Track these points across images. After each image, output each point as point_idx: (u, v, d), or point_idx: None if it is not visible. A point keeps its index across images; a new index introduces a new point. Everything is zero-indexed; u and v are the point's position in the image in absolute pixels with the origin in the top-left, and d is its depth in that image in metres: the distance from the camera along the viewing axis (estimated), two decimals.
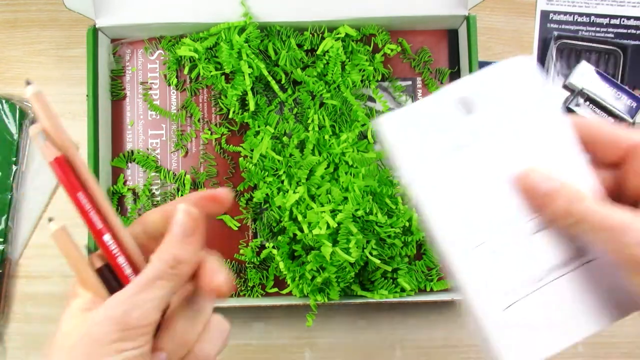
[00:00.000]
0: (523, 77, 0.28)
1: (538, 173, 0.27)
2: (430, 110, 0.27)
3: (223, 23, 0.53)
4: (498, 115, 0.28)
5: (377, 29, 0.55)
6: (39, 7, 0.62)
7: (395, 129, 0.27)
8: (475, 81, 0.28)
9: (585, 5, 0.62)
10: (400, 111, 0.27)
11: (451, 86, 0.27)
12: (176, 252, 0.27)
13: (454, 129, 0.27)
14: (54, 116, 0.27)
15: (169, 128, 0.56)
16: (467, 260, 0.28)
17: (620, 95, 0.58)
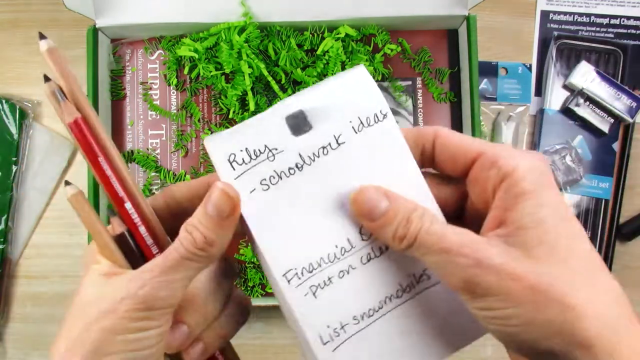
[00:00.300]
0: (357, 90, 0.26)
1: (372, 191, 0.25)
2: (258, 130, 0.25)
3: (223, 23, 0.53)
4: (329, 134, 0.26)
5: (377, 29, 0.55)
6: (39, 7, 0.62)
7: (220, 149, 0.25)
8: (307, 97, 0.26)
9: (585, 5, 0.62)
10: (227, 131, 0.25)
11: (279, 104, 0.26)
12: (209, 234, 0.25)
13: (283, 149, 0.25)
14: (71, 75, 0.26)
15: (169, 128, 0.56)
16: (295, 293, 0.26)
17: (620, 95, 0.58)
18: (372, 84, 0.26)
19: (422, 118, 0.56)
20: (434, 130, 0.27)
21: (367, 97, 0.26)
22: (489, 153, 0.25)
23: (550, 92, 0.60)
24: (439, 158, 0.27)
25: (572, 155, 0.58)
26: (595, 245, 0.58)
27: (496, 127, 0.60)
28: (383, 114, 0.26)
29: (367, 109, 0.26)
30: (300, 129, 0.25)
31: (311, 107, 0.26)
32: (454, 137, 0.26)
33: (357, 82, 0.26)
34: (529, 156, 0.25)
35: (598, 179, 0.59)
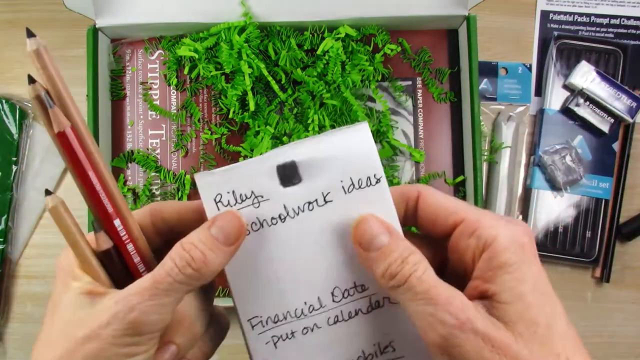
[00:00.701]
0: (356, 150, 0.25)
1: (376, 222, 0.25)
2: (248, 175, 0.25)
3: (223, 23, 0.53)
4: (317, 190, 0.25)
5: (377, 29, 0.55)
6: (39, 7, 0.62)
7: (209, 188, 0.25)
8: (302, 148, 0.25)
9: (585, 5, 0.62)
10: (219, 170, 0.25)
11: (274, 151, 0.25)
12: (210, 255, 0.24)
13: (269, 198, 0.25)
14: (60, 78, 0.23)
15: (169, 128, 0.56)
16: (257, 340, 0.26)
17: (620, 95, 0.58)
18: (371, 145, 0.25)
19: (422, 118, 0.56)
20: (417, 189, 0.27)
21: (364, 159, 0.25)
22: (470, 220, 0.25)
23: (550, 92, 0.60)
24: (421, 218, 0.26)
25: (572, 155, 0.58)
26: (596, 245, 0.58)
27: (496, 127, 0.60)
28: (377, 178, 0.25)
29: (362, 171, 0.25)
30: (289, 180, 0.25)
31: (305, 159, 0.25)
32: (435, 199, 0.26)
33: (357, 141, 0.25)
34: (510, 226, 0.24)
35: (598, 179, 0.59)
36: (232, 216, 0.25)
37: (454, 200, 0.26)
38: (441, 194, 0.26)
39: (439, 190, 0.27)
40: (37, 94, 0.23)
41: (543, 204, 0.59)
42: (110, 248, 0.25)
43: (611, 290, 0.59)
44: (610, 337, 0.59)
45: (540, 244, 0.58)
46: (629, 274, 0.59)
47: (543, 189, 0.59)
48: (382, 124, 0.54)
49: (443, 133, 0.55)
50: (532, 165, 0.59)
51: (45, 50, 0.22)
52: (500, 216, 0.25)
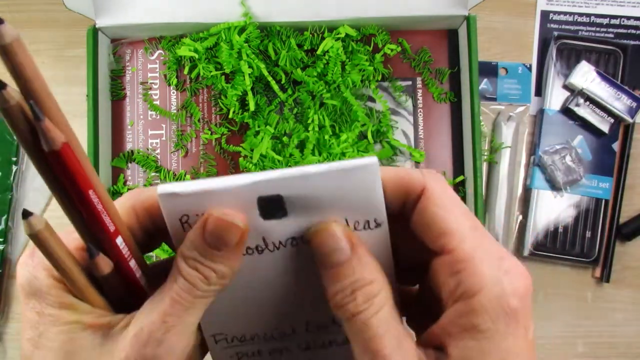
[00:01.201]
0: (358, 187, 0.21)
1: (339, 232, 0.21)
2: (222, 198, 0.21)
3: (223, 23, 0.53)
4: (303, 226, 0.22)
5: (377, 29, 0.55)
6: (39, 7, 0.62)
7: (173, 206, 0.21)
8: (293, 181, 0.21)
9: (585, 5, 0.62)
10: (187, 186, 0.21)
11: (258, 178, 0.21)
12: (224, 269, 0.21)
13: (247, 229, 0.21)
14: (40, 81, 0.18)
15: (169, 128, 0.56)
16: (220, 354, 0.24)
17: (620, 95, 0.58)
18: (378, 185, 0.21)
19: (422, 118, 0.56)
20: (423, 182, 0.22)
21: (366, 200, 0.21)
22: (459, 255, 0.20)
23: (550, 92, 0.60)
24: (414, 222, 0.22)
25: (572, 155, 0.58)
26: (595, 245, 0.58)
27: (496, 127, 0.60)
28: (377, 222, 0.22)
29: (361, 213, 0.22)
30: (271, 214, 0.21)
31: (293, 194, 0.21)
32: (436, 207, 0.21)
33: (362, 179, 0.21)
34: (505, 281, 0.20)
35: (598, 179, 0.59)
36: (222, 222, 0.21)
37: (457, 215, 0.21)
38: (449, 197, 0.22)
39: (451, 192, 0.22)
40: (14, 103, 0.17)
41: (543, 204, 0.59)
42: (112, 270, 0.22)
43: (611, 290, 0.59)
44: (610, 337, 0.59)
45: (540, 244, 0.58)
46: (629, 274, 0.59)
47: (543, 189, 0.59)
48: (382, 124, 0.54)
49: (443, 133, 0.55)
50: (532, 165, 0.59)
51: (20, 44, 0.17)
52: (500, 257, 0.21)
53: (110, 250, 0.21)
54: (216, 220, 0.21)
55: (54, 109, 0.19)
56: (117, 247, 0.21)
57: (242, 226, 0.21)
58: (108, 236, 0.21)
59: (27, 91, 0.18)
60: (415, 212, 0.22)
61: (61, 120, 0.19)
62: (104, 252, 0.21)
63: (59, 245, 0.21)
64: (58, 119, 0.19)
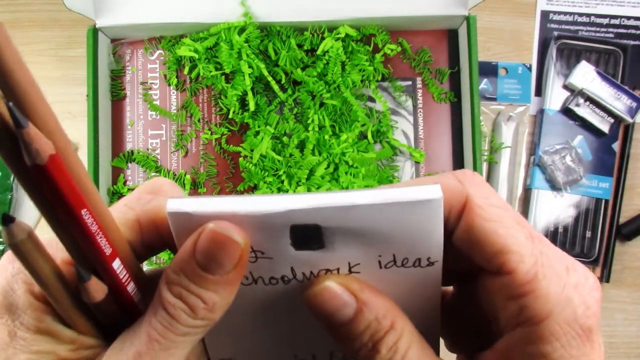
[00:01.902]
0: (415, 223, 0.18)
1: (338, 288, 0.19)
2: (250, 220, 0.18)
3: (223, 23, 0.53)
4: (342, 259, 0.19)
5: (377, 29, 0.55)
6: (39, 7, 0.62)
7: (186, 228, 0.18)
8: (334, 209, 0.17)
9: (585, 5, 0.62)
10: (204, 210, 0.18)
11: (290, 203, 0.17)
12: (215, 298, 0.18)
13: (272, 257, 0.19)
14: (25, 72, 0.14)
15: (169, 128, 0.56)
16: None
17: (620, 95, 0.58)
18: (439, 223, 0.18)
19: (422, 118, 0.56)
20: (465, 194, 0.19)
21: (423, 237, 0.18)
22: (521, 276, 0.17)
23: (550, 92, 0.60)
24: (459, 239, 0.19)
25: (572, 155, 0.58)
26: (595, 245, 0.58)
27: (496, 127, 0.60)
28: (431, 261, 0.19)
29: (413, 250, 0.18)
30: (306, 245, 0.18)
31: (334, 226, 0.18)
32: (485, 222, 0.18)
33: (422, 214, 0.17)
34: (576, 297, 0.17)
35: (598, 179, 0.59)
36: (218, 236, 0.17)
37: (511, 227, 0.18)
38: (497, 204, 0.19)
39: (496, 197, 0.19)
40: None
41: (543, 204, 0.59)
42: (106, 296, 0.18)
43: (611, 290, 0.59)
44: (610, 337, 0.59)
45: None
46: (629, 274, 0.59)
47: (543, 189, 0.59)
48: (382, 124, 0.54)
49: (443, 133, 0.55)
50: (532, 165, 0.59)
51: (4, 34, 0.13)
52: (566, 269, 0.18)
53: (105, 274, 0.18)
54: (211, 234, 0.17)
55: (41, 108, 0.14)
56: (114, 272, 0.18)
57: (242, 243, 0.17)
58: (103, 260, 0.18)
59: (7, 86, 0.14)
60: (460, 228, 0.19)
61: (50, 123, 0.15)
62: (98, 275, 0.18)
63: (44, 259, 0.18)
64: (46, 121, 0.14)
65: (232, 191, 0.54)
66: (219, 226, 0.17)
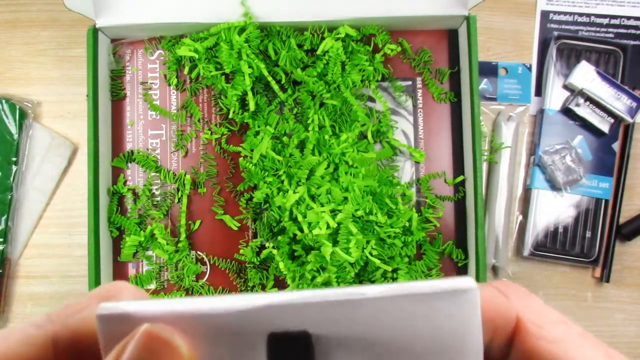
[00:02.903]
0: (441, 326, 0.13)
1: None
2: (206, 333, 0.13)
3: (223, 23, 0.53)
4: None
5: (377, 29, 0.55)
6: (39, 7, 0.62)
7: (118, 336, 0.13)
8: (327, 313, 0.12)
9: (585, 5, 0.62)
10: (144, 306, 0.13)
11: (268, 300, 0.13)
12: None
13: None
14: None
15: (169, 128, 0.56)
16: None
17: (620, 95, 0.58)
18: (476, 326, 0.13)
19: (422, 118, 0.56)
20: (514, 312, 0.15)
21: (452, 354, 0.13)
22: None
23: (550, 92, 0.60)
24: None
25: (572, 155, 0.58)
26: (595, 245, 0.58)
27: (496, 127, 0.60)
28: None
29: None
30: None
31: (330, 334, 0.12)
32: (553, 347, 0.15)
33: (451, 312, 0.13)
34: None
35: (598, 179, 0.59)
36: (151, 340, 0.13)
37: (586, 347, 0.15)
38: (554, 319, 0.15)
39: (551, 311, 0.16)
40: None
41: (543, 204, 0.59)
42: None
43: (611, 290, 0.59)
44: (610, 337, 0.59)
45: (540, 244, 0.58)
46: (629, 274, 0.59)
47: (543, 189, 0.59)
48: (382, 124, 0.54)
49: (443, 133, 0.55)
50: (532, 165, 0.59)
51: None
52: None
53: None
54: (142, 337, 0.12)
55: None
56: None
57: (185, 355, 0.13)
58: None
59: None
60: (516, 354, 0.15)
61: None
62: None
63: None
64: None
65: (232, 191, 0.54)
66: (154, 327, 0.13)
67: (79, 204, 0.59)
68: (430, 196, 0.54)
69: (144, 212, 0.54)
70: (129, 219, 0.54)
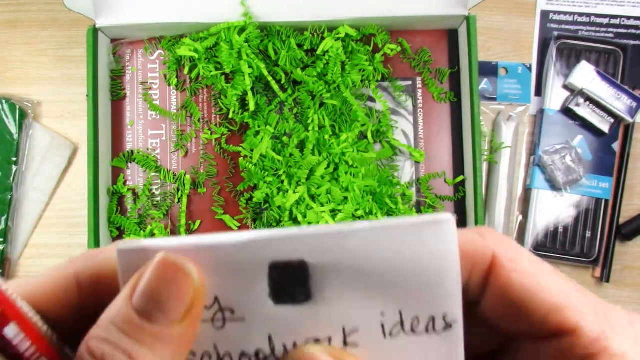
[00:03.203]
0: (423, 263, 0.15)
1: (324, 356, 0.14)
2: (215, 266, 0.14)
3: (223, 23, 0.53)
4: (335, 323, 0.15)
5: (377, 29, 0.55)
6: (39, 7, 0.62)
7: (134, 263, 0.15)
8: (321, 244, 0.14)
9: (585, 5, 0.62)
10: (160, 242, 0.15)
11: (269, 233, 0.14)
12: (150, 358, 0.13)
13: (243, 317, 0.15)
14: None
15: (169, 128, 0.56)
16: None
17: (620, 95, 0.58)
18: (453, 254, 0.15)
19: (422, 118, 0.56)
20: (490, 250, 0.16)
21: (435, 277, 0.15)
22: (588, 332, 0.15)
23: (550, 92, 0.60)
24: (491, 302, 0.16)
25: (572, 155, 0.58)
26: (595, 245, 0.58)
27: (496, 127, 0.60)
28: (448, 322, 0.15)
29: (425, 303, 0.15)
30: (288, 294, 0.15)
31: (324, 263, 0.14)
32: (526, 278, 0.15)
33: (430, 239, 0.15)
34: None
35: (598, 179, 0.59)
36: (166, 267, 0.14)
37: (558, 281, 0.16)
38: (531, 259, 0.16)
39: (526, 251, 0.16)
40: None
41: (543, 204, 0.59)
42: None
43: (611, 290, 0.59)
44: None
45: (540, 244, 0.58)
46: (629, 274, 0.59)
47: (543, 189, 0.59)
48: (382, 124, 0.54)
49: (443, 133, 0.55)
50: (532, 165, 0.59)
51: None
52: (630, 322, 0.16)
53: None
54: (157, 265, 0.14)
55: None
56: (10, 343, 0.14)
57: (196, 281, 0.14)
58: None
59: None
60: (491, 291, 0.16)
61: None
62: None
63: None
64: None
65: (232, 191, 0.54)
66: (169, 255, 0.14)
67: (79, 204, 0.59)
68: (430, 196, 0.54)
69: (144, 212, 0.54)
70: (129, 219, 0.54)
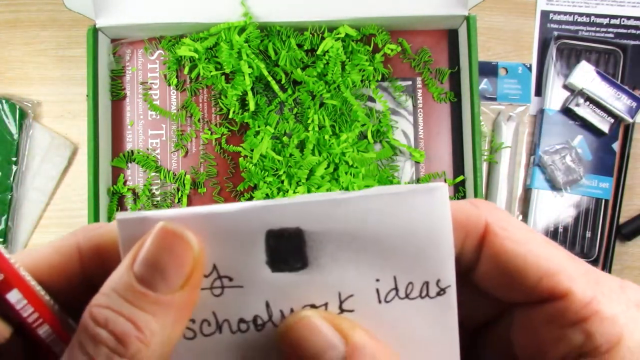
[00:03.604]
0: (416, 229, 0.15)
1: (323, 324, 0.14)
2: (213, 234, 0.15)
3: (223, 23, 0.53)
4: (331, 289, 0.15)
5: (377, 29, 0.55)
6: (39, 7, 0.62)
7: (133, 232, 0.15)
8: (317, 211, 0.14)
9: (585, 5, 0.62)
10: (158, 212, 0.15)
11: (265, 203, 0.14)
12: (153, 325, 0.14)
13: (242, 284, 0.15)
14: None
15: (169, 128, 0.56)
16: None
17: (620, 95, 0.58)
18: (446, 222, 0.15)
19: (422, 118, 0.56)
20: (484, 218, 0.16)
21: (428, 244, 0.15)
22: (580, 297, 0.15)
23: (550, 92, 0.60)
24: (484, 272, 0.16)
25: (572, 155, 0.58)
26: (595, 245, 0.58)
27: (496, 127, 0.60)
28: (441, 287, 0.15)
29: (419, 269, 0.15)
30: (284, 261, 0.15)
31: (319, 230, 0.14)
32: (518, 245, 0.16)
33: (423, 206, 0.15)
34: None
35: (598, 179, 0.59)
36: (166, 235, 0.14)
37: (549, 248, 0.16)
38: (522, 227, 0.16)
39: (517, 220, 0.17)
40: None
41: (543, 204, 0.59)
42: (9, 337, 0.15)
43: None
44: None
45: None
46: (629, 274, 0.59)
47: (543, 189, 0.59)
48: (382, 124, 0.54)
49: (443, 133, 0.55)
50: (532, 165, 0.59)
51: None
52: (620, 287, 0.16)
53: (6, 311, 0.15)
54: (158, 233, 0.14)
55: None
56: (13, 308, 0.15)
57: (195, 248, 0.14)
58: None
59: None
60: (484, 259, 0.16)
61: None
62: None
63: None
64: None
65: (232, 191, 0.54)
66: (169, 224, 0.14)
67: (79, 204, 0.59)
68: None
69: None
70: None
